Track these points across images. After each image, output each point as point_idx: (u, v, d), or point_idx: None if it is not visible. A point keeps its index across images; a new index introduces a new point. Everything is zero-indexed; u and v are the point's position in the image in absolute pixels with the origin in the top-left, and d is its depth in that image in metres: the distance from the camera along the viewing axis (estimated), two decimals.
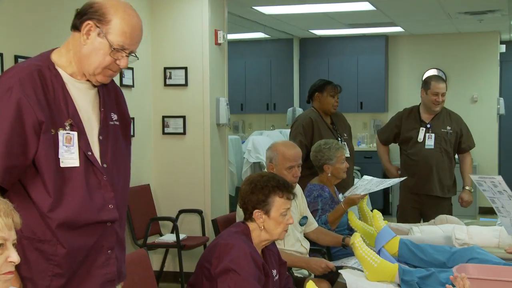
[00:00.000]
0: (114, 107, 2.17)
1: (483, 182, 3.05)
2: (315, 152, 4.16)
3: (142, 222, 5.16)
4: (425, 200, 4.81)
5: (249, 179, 2.67)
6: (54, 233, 1.94)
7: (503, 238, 3.55)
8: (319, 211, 3.99)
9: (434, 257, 3.24)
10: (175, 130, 5.54)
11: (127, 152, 2.21)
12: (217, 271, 2.40)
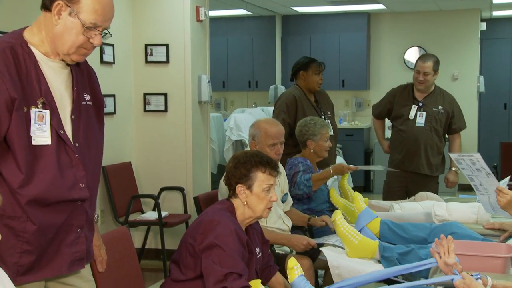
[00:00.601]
0: (87, 88, 2.16)
1: (462, 160, 3.07)
2: (301, 127, 4.16)
3: (123, 199, 5.15)
4: (413, 177, 4.84)
5: (234, 155, 2.69)
6: (24, 209, 1.94)
7: (482, 214, 3.61)
8: (300, 172, 3.99)
9: (415, 234, 3.28)
10: (157, 108, 5.51)
11: (100, 133, 2.21)
12: (202, 247, 2.40)
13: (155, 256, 5.54)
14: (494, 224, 3.48)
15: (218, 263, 2.34)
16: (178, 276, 2.51)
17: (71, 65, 2.09)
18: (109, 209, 5.15)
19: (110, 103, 5.17)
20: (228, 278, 2.31)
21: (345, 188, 4.21)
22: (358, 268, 3.03)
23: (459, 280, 2.26)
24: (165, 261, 5.07)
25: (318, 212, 4.11)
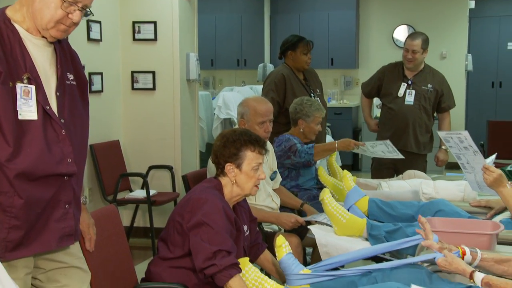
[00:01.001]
0: (70, 68, 2.16)
1: (449, 138, 3.09)
2: (296, 105, 4.16)
3: (111, 178, 5.14)
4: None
5: (221, 134, 2.68)
6: (11, 183, 1.94)
7: (468, 192, 3.64)
8: (297, 144, 4.01)
9: (403, 212, 3.31)
10: (145, 86, 5.48)
11: (85, 112, 2.20)
12: (190, 225, 2.41)
13: (144, 234, 5.55)
14: (481, 201, 3.51)
15: (207, 240, 2.35)
16: (166, 254, 2.52)
17: (55, 44, 2.10)
18: (97, 188, 5.14)
19: (98, 81, 5.13)
20: (217, 256, 2.32)
21: (333, 166, 4.23)
22: (346, 246, 3.05)
23: (441, 258, 2.29)
24: (154, 239, 5.08)
25: (306, 189, 4.13)
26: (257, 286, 2.40)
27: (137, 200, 5.20)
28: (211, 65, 9.55)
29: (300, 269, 2.52)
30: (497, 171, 2.84)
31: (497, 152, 4.47)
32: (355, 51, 9.15)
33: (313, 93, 4.76)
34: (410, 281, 2.30)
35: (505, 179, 2.84)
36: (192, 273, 2.45)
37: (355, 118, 9.19)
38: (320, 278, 2.51)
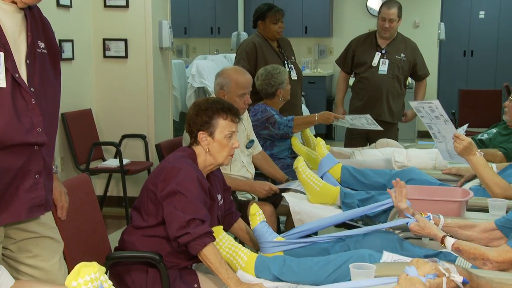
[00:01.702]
0: (41, 36, 2.11)
1: (421, 108, 3.11)
2: (267, 80, 4.12)
3: (84, 147, 5.09)
4: None
5: (195, 103, 2.65)
6: None
7: (439, 160, 3.69)
8: (275, 115, 4.01)
9: (375, 180, 3.35)
10: (117, 54, 5.40)
11: (56, 82, 2.16)
12: (163, 193, 2.40)
13: (117, 204, 5.54)
14: (451, 169, 3.57)
15: (181, 209, 2.34)
16: (139, 223, 2.51)
17: (26, 10, 2.04)
18: (69, 157, 5.10)
19: (68, 48, 5.04)
20: (190, 224, 2.32)
21: (307, 135, 4.24)
22: (320, 214, 3.09)
23: (414, 223, 2.34)
24: (127, 208, 5.07)
25: (280, 158, 4.14)
26: (231, 254, 2.41)
27: (110, 169, 5.17)
28: (184, 33, 9.44)
29: (273, 237, 2.54)
30: (467, 139, 2.87)
31: (468, 122, 4.53)
32: (329, 20, 9.12)
33: (287, 61, 4.73)
34: (382, 248, 2.33)
35: (474, 147, 2.88)
36: (166, 241, 2.45)
37: (329, 87, 9.20)
38: (294, 245, 2.54)
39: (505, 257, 1.99)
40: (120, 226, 4.94)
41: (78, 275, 1.43)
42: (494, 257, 2.01)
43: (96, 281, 1.44)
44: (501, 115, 4.26)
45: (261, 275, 2.34)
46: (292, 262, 2.31)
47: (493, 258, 2.00)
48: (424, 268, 1.37)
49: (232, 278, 2.24)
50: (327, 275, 2.20)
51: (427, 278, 1.35)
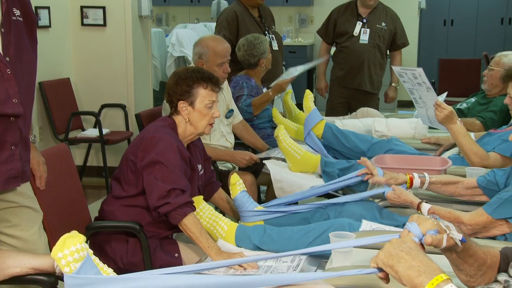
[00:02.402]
0: (16, 3, 2.05)
1: (404, 73, 3.12)
2: (250, 50, 4.08)
3: (62, 116, 5.04)
4: (354, 94, 4.90)
5: (174, 72, 2.63)
6: None
7: (419, 129, 3.72)
8: (244, 96, 3.99)
9: (356, 145, 3.37)
10: (95, 22, 5.31)
11: (32, 51, 2.11)
12: (143, 163, 2.39)
13: (97, 174, 5.51)
14: (431, 138, 3.60)
15: (161, 179, 2.33)
16: (119, 192, 2.50)
17: None
18: (48, 126, 5.04)
19: (45, 15, 4.94)
20: (171, 194, 2.31)
21: (288, 104, 4.24)
22: (300, 183, 3.10)
23: (390, 192, 2.36)
24: (107, 178, 5.06)
25: (261, 129, 4.14)
26: (211, 224, 2.42)
27: (90, 139, 5.13)
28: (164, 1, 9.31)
29: (254, 207, 2.55)
30: (448, 108, 2.89)
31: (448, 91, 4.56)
32: None
33: (268, 30, 4.69)
34: (361, 217, 2.36)
35: (455, 116, 2.90)
36: (146, 211, 2.45)
37: (309, 56, 9.16)
38: (274, 214, 2.55)
39: (478, 220, 2.04)
40: (100, 196, 4.92)
41: (64, 246, 1.43)
42: (468, 220, 2.05)
43: (82, 251, 1.44)
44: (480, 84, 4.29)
45: (241, 244, 2.36)
46: (272, 232, 2.32)
47: (467, 221, 2.04)
48: (426, 224, 1.36)
49: (213, 248, 2.25)
50: (307, 244, 2.22)
51: (429, 233, 1.34)
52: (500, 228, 2.03)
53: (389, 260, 1.24)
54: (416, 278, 1.18)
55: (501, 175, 2.35)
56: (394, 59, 5.05)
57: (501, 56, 3.88)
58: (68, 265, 1.42)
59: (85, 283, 1.42)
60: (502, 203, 2.02)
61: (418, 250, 1.25)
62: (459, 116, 3.09)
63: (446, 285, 1.16)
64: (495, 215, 2.02)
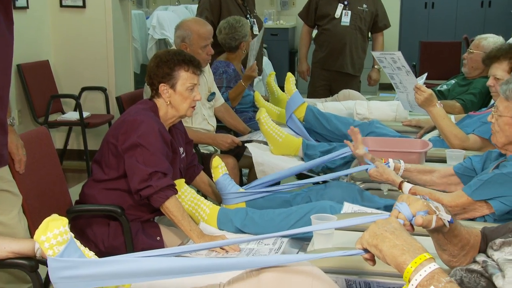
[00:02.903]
0: None
1: (383, 58, 3.13)
2: (231, 33, 4.05)
3: (42, 99, 4.98)
4: (336, 76, 4.91)
5: (155, 54, 2.60)
6: None
7: (400, 112, 3.74)
8: (223, 88, 3.99)
9: (337, 128, 3.38)
10: (74, 3, 5.24)
11: (8, 32, 2.06)
12: (125, 146, 2.37)
13: (78, 157, 5.47)
14: (411, 121, 3.62)
15: (142, 162, 2.32)
16: (100, 176, 2.49)
17: None
18: (27, 109, 4.99)
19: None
20: (152, 177, 2.30)
21: (271, 86, 4.23)
22: (282, 165, 3.11)
23: (373, 169, 2.37)
24: (88, 162, 5.02)
25: (243, 112, 4.14)
26: (193, 207, 2.42)
27: (70, 122, 5.09)
28: None
29: (236, 189, 2.55)
30: (428, 91, 2.91)
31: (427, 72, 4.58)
32: None
33: (250, 14, 4.67)
34: (343, 199, 2.37)
35: (435, 98, 2.92)
36: (127, 194, 2.44)
37: (291, 39, 9.14)
38: (256, 195, 2.56)
39: (458, 201, 2.06)
40: (81, 179, 4.89)
41: (47, 229, 1.42)
42: (448, 201, 2.07)
43: (65, 234, 1.43)
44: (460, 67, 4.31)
45: (223, 227, 2.36)
46: (254, 214, 2.33)
47: (447, 203, 2.06)
48: (416, 204, 1.37)
49: (195, 231, 2.25)
50: (288, 227, 2.23)
51: (419, 214, 1.35)
52: (479, 210, 2.06)
53: (374, 240, 1.26)
54: (399, 257, 1.19)
55: (477, 161, 2.37)
56: (376, 41, 5.05)
57: (481, 39, 3.91)
58: (52, 248, 1.42)
59: (68, 266, 1.41)
60: (482, 185, 2.05)
61: (402, 230, 1.27)
62: (439, 98, 3.11)
63: (429, 264, 1.17)
64: (475, 197, 2.04)
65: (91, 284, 1.43)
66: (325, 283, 1.42)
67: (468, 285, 1.31)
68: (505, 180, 2.01)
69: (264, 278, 1.42)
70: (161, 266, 1.44)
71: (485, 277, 1.30)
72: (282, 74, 6.05)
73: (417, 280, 1.15)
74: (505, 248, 1.36)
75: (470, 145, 2.87)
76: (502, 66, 2.89)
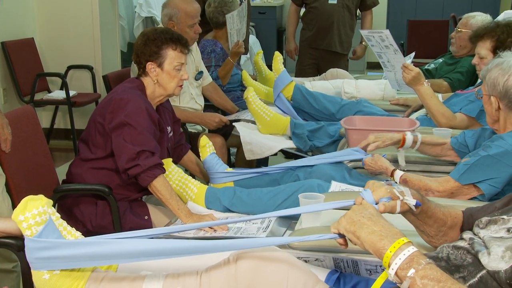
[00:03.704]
0: None
1: (371, 37, 3.12)
2: (220, 7, 4.02)
3: (28, 78, 4.93)
4: (324, 55, 4.89)
5: (143, 32, 2.57)
6: None
7: (388, 91, 3.74)
8: (212, 67, 3.97)
9: (325, 107, 3.37)
10: None
11: None
12: (112, 125, 2.35)
13: (65, 136, 5.44)
14: (399, 100, 3.63)
15: (130, 141, 2.31)
16: (87, 155, 2.47)
17: None
18: (12, 88, 4.94)
19: None
20: (140, 156, 2.29)
21: (259, 65, 4.22)
22: (270, 145, 3.11)
23: (368, 157, 2.38)
24: (75, 141, 4.99)
25: (231, 91, 4.12)
26: (180, 187, 2.41)
27: (56, 101, 5.05)
28: None
29: (224, 169, 2.55)
30: (415, 69, 2.91)
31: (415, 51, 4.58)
32: None
33: None
34: (331, 178, 2.37)
35: (422, 77, 2.92)
36: (115, 174, 2.43)
37: (279, 17, 9.09)
38: (244, 176, 2.56)
39: (446, 186, 2.08)
40: (68, 159, 4.87)
41: (26, 209, 1.40)
42: (436, 187, 2.09)
43: (44, 215, 1.41)
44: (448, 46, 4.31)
45: (211, 206, 2.36)
46: (242, 193, 2.33)
47: (435, 188, 2.08)
48: (379, 191, 1.40)
49: (183, 210, 2.24)
50: (276, 206, 2.24)
51: (382, 201, 1.38)
52: (468, 193, 2.07)
53: (351, 226, 1.26)
54: (378, 242, 1.21)
55: (470, 136, 2.39)
56: (364, 19, 5.03)
57: (469, 17, 3.90)
58: (30, 228, 1.40)
59: (45, 246, 1.39)
60: (469, 169, 2.06)
61: (379, 216, 1.28)
62: (426, 77, 3.11)
63: (408, 247, 1.18)
64: (462, 181, 2.05)
65: (68, 265, 1.41)
66: (301, 270, 1.43)
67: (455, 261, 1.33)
68: (492, 162, 2.02)
69: (241, 266, 1.42)
70: (138, 248, 1.41)
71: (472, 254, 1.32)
72: (270, 52, 6.02)
73: (397, 264, 1.17)
74: (491, 226, 1.38)
75: (457, 124, 2.88)
76: (485, 44, 2.89)
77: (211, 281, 1.42)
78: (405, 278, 1.15)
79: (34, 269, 1.41)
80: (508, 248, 1.24)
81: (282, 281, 1.39)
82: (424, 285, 1.13)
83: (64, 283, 1.42)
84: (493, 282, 1.22)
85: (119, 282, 1.44)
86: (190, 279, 1.43)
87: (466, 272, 1.27)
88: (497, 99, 2.06)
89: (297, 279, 1.40)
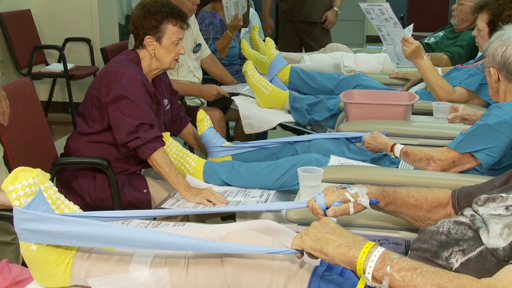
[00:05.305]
0: None
1: (371, 10, 3.09)
2: None
3: (25, 50, 4.90)
4: (302, 27, 4.85)
5: (141, 3, 2.52)
6: None
7: (387, 64, 3.72)
8: (210, 40, 3.94)
9: (323, 84, 3.36)
10: None
11: None
12: (108, 99, 2.33)
13: (63, 109, 5.42)
14: (398, 73, 3.61)
15: (128, 114, 2.29)
16: (84, 129, 2.46)
17: None
18: (9, 60, 4.90)
19: None
20: (140, 129, 2.28)
21: (256, 40, 4.18)
22: (269, 118, 3.10)
23: (367, 135, 2.38)
24: (73, 114, 4.97)
25: (230, 65, 4.10)
26: (179, 161, 2.41)
27: (54, 74, 5.02)
28: None
29: (222, 143, 2.54)
30: (415, 42, 2.89)
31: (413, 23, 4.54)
32: None
33: None
34: (329, 152, 2.37)
35: (422, 50, 2.90)
36: (113, 147, 2.42)
37: None
38: (241, 150, 2.55)
39: (447, 155, 2.07)
40: (67, 132, 4.85)
41: (16, 179, 1.39)
42: (438, 156, 2.08)
43: (34, 187, 1.39)
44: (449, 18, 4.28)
45: (209, 180, 2.37)
46: (240, 167, 2.33)
47: (437, 157, 2.08)
48: (330, 196, 1.47)
49: (182, 183, 2.24)
50: (275, 180, 2.24)
51: (333, 205, 1.45)
52: (468, 163, 2.07)
53: (317, 245, 1.28)
54: (347, 253, 1.23)
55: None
56: None
57: None
58: (19, 199, 1.38)
59: (33, 218, 1.38)
60: (466, 137, 2.05)
61: (341, 228, 1.31)
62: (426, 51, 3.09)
63: (376, 249, 1.21)
64: (459, 149, 2.05)
65: (52, 241, 1.40)
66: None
67: (455, 235, 1.33)
68: (489, 131, 2.01)
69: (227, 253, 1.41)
70: (125, 235, 1.39)
71: (473, 229, 1.33)
72: None
73: (371, 267, 1.19)
74: (489, 204, 1.39)
75: (456, 98, 2.87)
76: (483, 17, 2.87)
77: (197, 261, 1.42)
78: (383, 277, 1.17)
79: (21, 240, 1.41)
80: (506, 226, 1.25)
81: (267, 266, 1.40)
82: (403, 277, 1.15)
83: (51, 256, 1.42)
84: (492, 258, 1.23)
85: (106, 261, 1.44)
86: (177, 260, 1.43)
87: (466, 245, 1.28)
88: (496, 70, 2.05)
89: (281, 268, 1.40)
